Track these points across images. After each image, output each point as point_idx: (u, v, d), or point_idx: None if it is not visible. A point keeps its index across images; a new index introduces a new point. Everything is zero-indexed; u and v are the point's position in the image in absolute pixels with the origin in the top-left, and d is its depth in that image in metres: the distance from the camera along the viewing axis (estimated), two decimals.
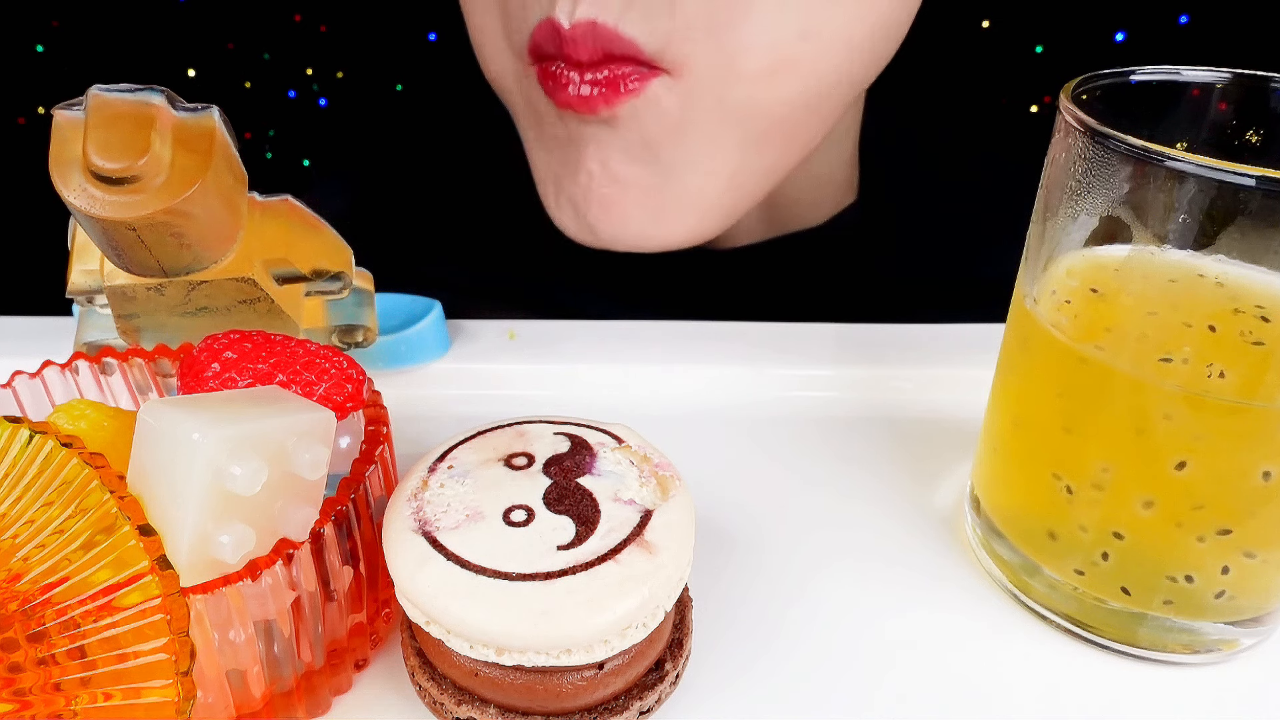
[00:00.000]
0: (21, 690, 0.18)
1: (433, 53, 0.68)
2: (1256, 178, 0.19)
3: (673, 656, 0.23)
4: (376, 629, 0.25)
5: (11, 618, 0.18)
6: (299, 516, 0.21)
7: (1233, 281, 0.22)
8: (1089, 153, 0.22)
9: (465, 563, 0.20)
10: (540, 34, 0.33)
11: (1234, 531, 0.22)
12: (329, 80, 0.72)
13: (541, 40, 0.33)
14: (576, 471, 0.23)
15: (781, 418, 0.34)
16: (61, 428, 0.21)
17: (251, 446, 0.20)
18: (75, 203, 0.23)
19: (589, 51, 0.32)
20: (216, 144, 0.24)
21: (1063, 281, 0.24)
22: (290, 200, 0.28)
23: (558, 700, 0.21)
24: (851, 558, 0.28)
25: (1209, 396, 0.21)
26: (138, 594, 0.18)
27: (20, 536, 0.19)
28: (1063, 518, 0.24)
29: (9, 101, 0.72)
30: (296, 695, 0.22)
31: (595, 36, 0.32)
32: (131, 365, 0.27)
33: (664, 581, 0.21)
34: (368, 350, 0.33)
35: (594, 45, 0.32)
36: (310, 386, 0.24)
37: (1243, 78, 0.24)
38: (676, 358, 0.36)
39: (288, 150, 0.74)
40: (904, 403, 0.35)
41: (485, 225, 0.50)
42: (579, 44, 0.32)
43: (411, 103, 0.72)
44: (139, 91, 0.23)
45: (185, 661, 0.18)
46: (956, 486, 0.31)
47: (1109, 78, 0.25)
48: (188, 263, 0.25)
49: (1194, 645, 0.24)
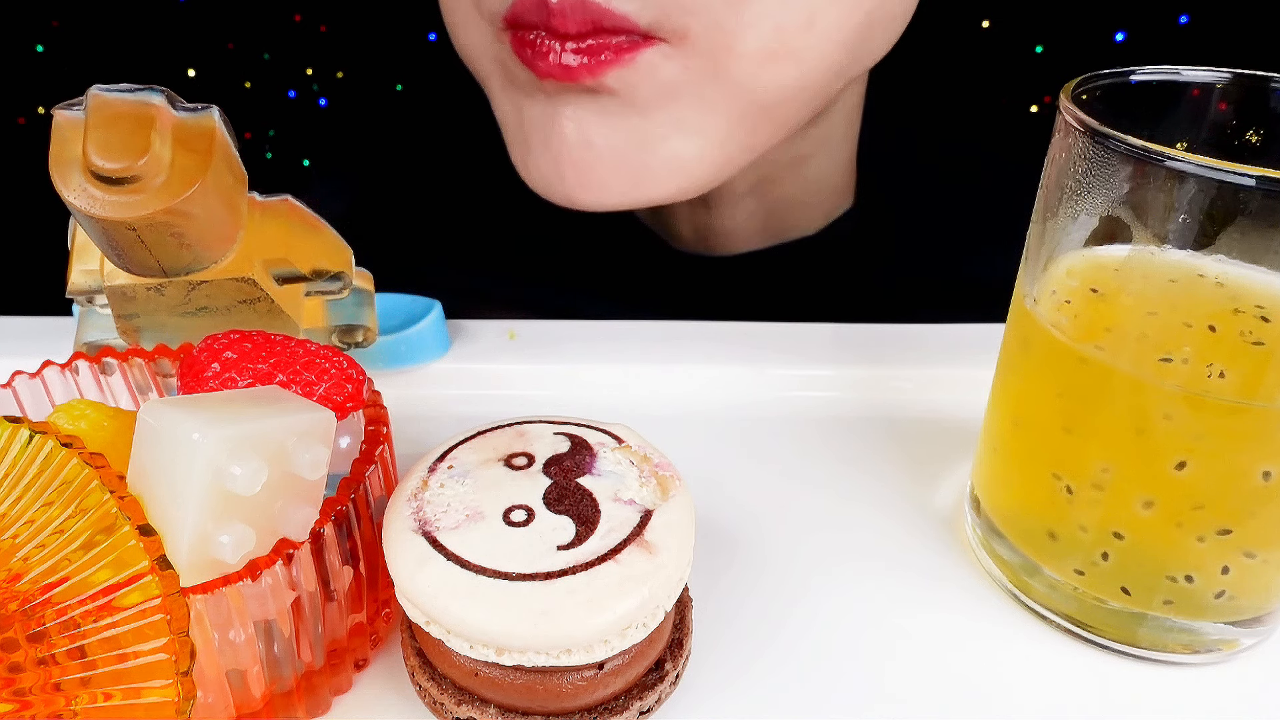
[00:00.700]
0: (21, 690, 0.18)
1: (433, 53, 0.68)
2: (1256, 178, 0.19)
3: (673, 656, 0.23)
4: (376, 629, 0.25)
5: (11, 618, 0.18)
6: (299, 516, 0.21)
7: (1233, 281, 0.22)
8: (1089, 153, 0.22)
9: (465, 563, 0.20)
10: (522, 5, 0.32)
11: (1234, 531, 0.22)
12: (329, 80, 0.72)
13: (523, 11, 0.32)
14: (576, 471, 0.23)
15: (781, 418, 0.34)
16: (61, 428, 0.21)
17: (251, 446, 0.20)
18: (75, 203, 0.23)
19: (577, 24, 0.31)
20: (216, 144, 0.24)
21: (1063, 281, 0.24)
22: (290, 200, 0.28)
23: (558, 700, 0.21)
24: (851, 558, 0.28)
25: (1209, 396, 0.21)
26: (138, 594, 0.18)
27: (20, 536, 0.19)
28: (1063, 518, 0.24)
29: (9, 101, 0.72)
30: (296, 695, 0.22)
31: (585, 10, 0.31)
32: (131, 365, 0.27)
33: (664, 581, 0.21)
34: (368, 350, 0.33)
35: (583, 18, 0.31)
36: (310, 386, 0.24)
37: (1243, 78, 0.24)
38: (676, 358, 0.36)
39: (288, 150, 0.74)
40: (904, 403, 0.35)
41: (485, 225, 0.50)
42: (567, 17, 0.31)
43: (411, 103, 0.72)
44: (139, 91, 0.23)
45: (185, 661, 0.18)
46: (956, 486, 0.31)
47: (1109, 78, 0.25)
48: (188, 263, 0.25)
49: (1194, 645, 0.24)
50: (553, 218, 0.41)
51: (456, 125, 0.55)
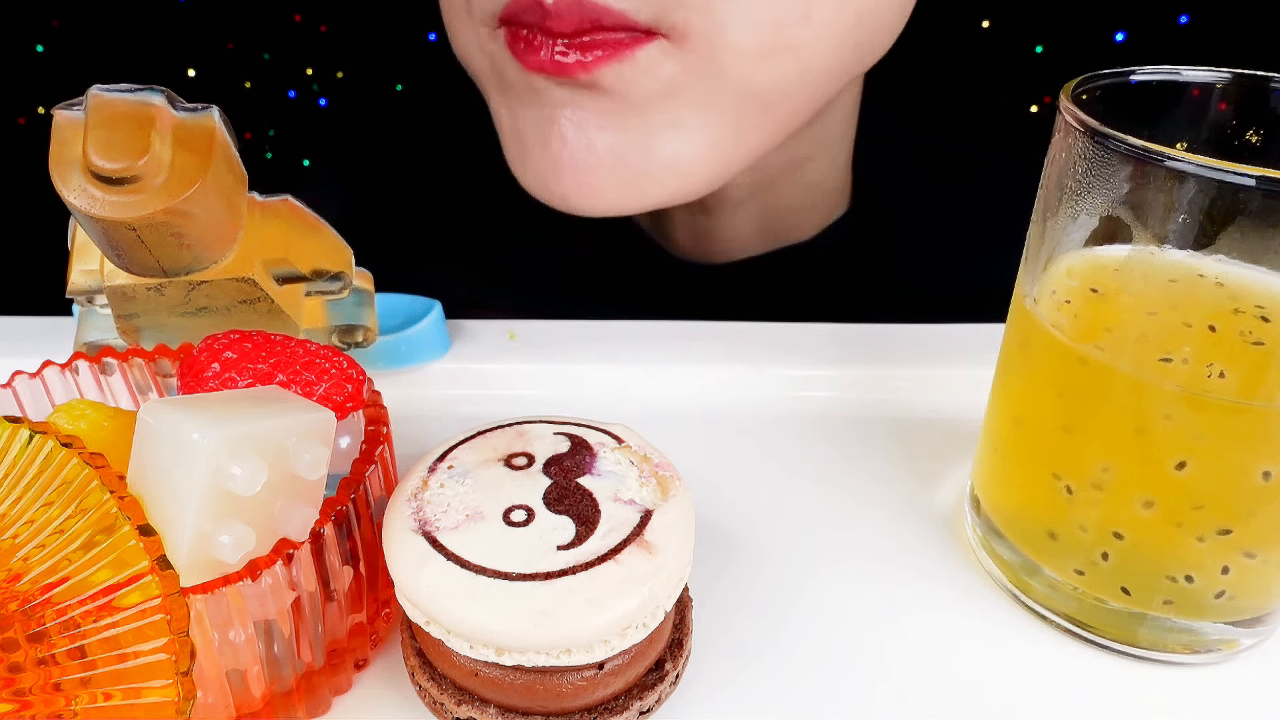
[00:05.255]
0: (21, 690, 0.18)
1: (433, 53, 0.68)
2: (1256, 178, 0.19)
3: (673, 656, 0.23)
4: (376, 629, 0.25)
5: (11, 618, 0.18)
6: (299, 516, 0.21)
7: (1233, 281, 0.22)
8: (1089, 153, 0.22)
9: (465, 563, 0.20)
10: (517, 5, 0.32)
11: (1234, 531, 0.22)
12: (329, 80, 0.72)
13: (518, 11, 0.32)
14: (576, 471, 0.23)
15: (781, 418, 0.34)
16: (61, 428, 0.21)
17: (251, 446, 0.20)
18: (75, 203, 0.23)
19: (574, 23, 0.31)
20: (216, 144, 0.24)
21: (1063, 281, 0.24)
22: (290, 200, 0.28)
23: (558, 700, 0.21)
24: (851, 558, 0.28)
25: (1209, 396, 0.21)
26: (138, 594, 0.18)
27: (20, 536, 0.19)
28: (1063, 518, 0.24)
29: (9, 101, 0.72)
30: (296, 695, 0.22)
31: (581, 9, 0.31)
32: (131, 365, 0.27)
33: (664, 581, 0.21)
34: (368, 350, 0.33)
35: (581, 17, 0.31)
36: (310, 386, 0.24)
37: (1243, 78, 0.24)
38: (676, 358, 0.36)
39: (288, 150, 0.74)
40: (904, 403, 0.35)
41: (485, 226, 0.50)
42: (564, 17, 0.31)
43: (411, 103, 0.72)
44: (139, 91, 0.23)
45: (185, 661, 0.18)
46: (956, 486, 0.31)
47: (1109, 78, 0.25)
48: (188, 263, 0.25)
49: (1194, 645, 0.24)
50: (552, 223, 0.41)
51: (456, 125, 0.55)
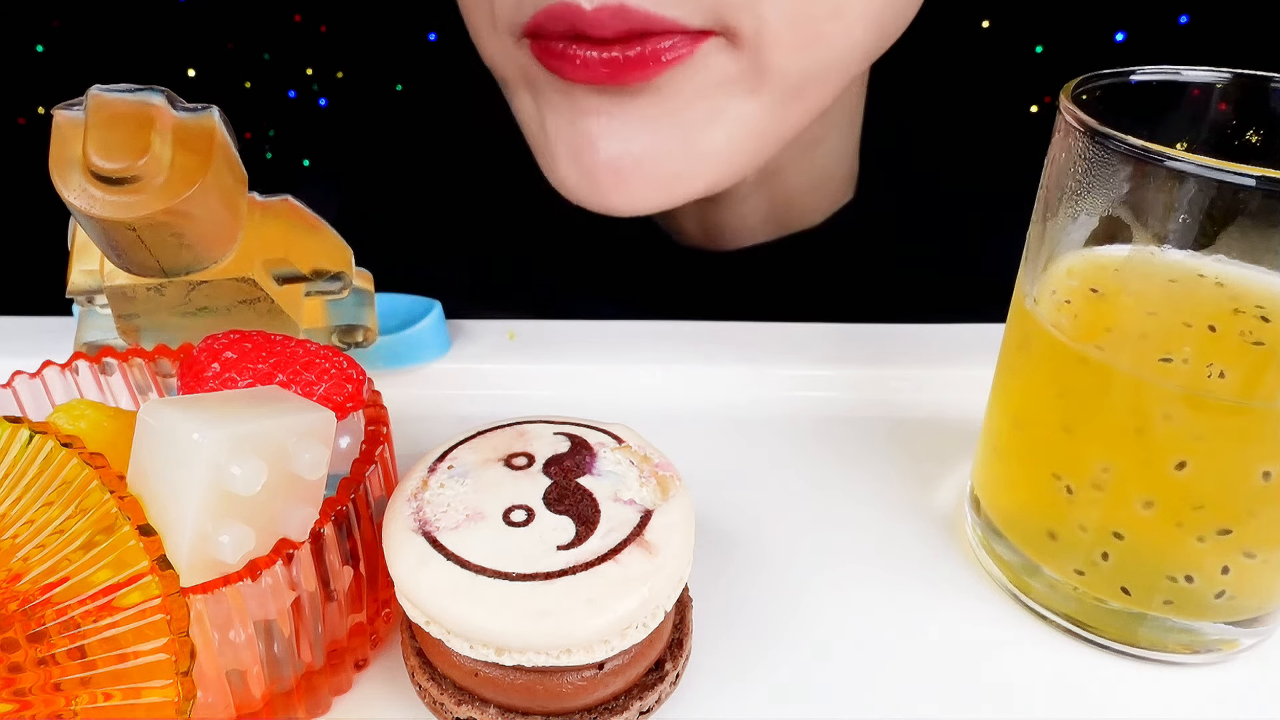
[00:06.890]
0: (21, 690, 0.18)
1: (433, 53, 0.68)
2: (1256, 178, 0.19)
3: (673, 656, 0.23)
4: (376, 629, 0.25)
5: (11, 618, 0.18)
6: (299, 516, 0.21)
7: (1233, 281, 0.22)
8: (1089, 153, 0.22)
9: (465, 563, 0.20)
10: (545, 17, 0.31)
11: (1234, 531, 0.22)
12: (329, 80, 0.72)
13: (546, 21, 0.31)
14: (576, 471, 0.23)
15: (781, 418, 0.34)
16: (61, 428, 0.21)
17: (251, 446, 0.20)
18: (75, 203, 0.23)
19: (615, 30, 0.30)
20: (216, 144, 0.24)
21: (1063, 281, 0.24)
22: (290, 200, 0.28)
23: (558, 700, 0.21)
24: (851, 558, 0.28)
25: (1209, 396, 0.21)
26: (138, 594, 0.18)
27: (20, 536, 0.19)
28: (1063, 518, 0.24)
29: (9, 101, 0.72)
30: (296, 695, 0.22)
31: (624, 17, 0.30)
32: (131, 365, 0.27)
33: (664, 581, 0.21)
34: (368, 350, 0.33)
35: (621, 25, 0.30)
36: (310, 386, 0.24)
37: (1243, 78, 0.24)
38: (676, 358, 0.36)
39: (288, 150, 0.74)
40: (904, 403, 0.35)
41: (486, 225, 0.50)
42: (605, 25, 0.30)
43: (411, 103, 0.72)
44: (139, 91, 0.23)
45: (185, 661, 0.18)
46: (956, 486, 0.31)
47: (1109, 78, 0.25)
48: (188, 263, 0.25)
49: (1194, 645, 0.24)
50: (555, 215, 0.40)
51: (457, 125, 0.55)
